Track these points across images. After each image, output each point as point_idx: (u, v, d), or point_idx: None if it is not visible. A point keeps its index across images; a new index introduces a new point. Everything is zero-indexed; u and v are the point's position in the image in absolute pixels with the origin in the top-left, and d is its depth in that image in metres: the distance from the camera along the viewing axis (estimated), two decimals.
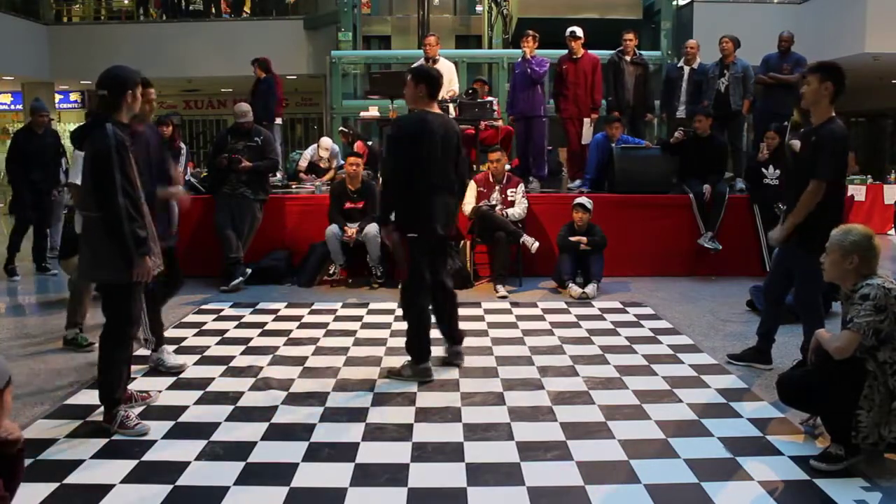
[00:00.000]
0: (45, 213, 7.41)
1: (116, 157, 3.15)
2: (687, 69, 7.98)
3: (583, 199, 6.41)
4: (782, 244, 4.07)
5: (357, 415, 3.56)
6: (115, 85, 3.29)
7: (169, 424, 3.44)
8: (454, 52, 11.54)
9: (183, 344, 4.78)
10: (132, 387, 3.77)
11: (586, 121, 7.79)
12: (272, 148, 6.79)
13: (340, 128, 9.79)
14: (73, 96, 17.84)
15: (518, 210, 6.45)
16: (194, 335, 5.00)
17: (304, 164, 8.58)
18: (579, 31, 7.76)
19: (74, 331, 4.70)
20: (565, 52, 7.94)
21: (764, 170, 6.85)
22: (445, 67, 7.99)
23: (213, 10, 15.46)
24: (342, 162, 8.25)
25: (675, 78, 8.05)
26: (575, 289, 6.09)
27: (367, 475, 2.95)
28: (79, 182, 3.63)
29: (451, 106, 7.47)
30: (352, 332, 5.02)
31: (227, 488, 2.84)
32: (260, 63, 8.99)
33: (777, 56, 7.90)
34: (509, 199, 6.52)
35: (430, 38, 8.02)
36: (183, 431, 3.38)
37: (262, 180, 6.70)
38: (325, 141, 8.63)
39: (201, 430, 3.38)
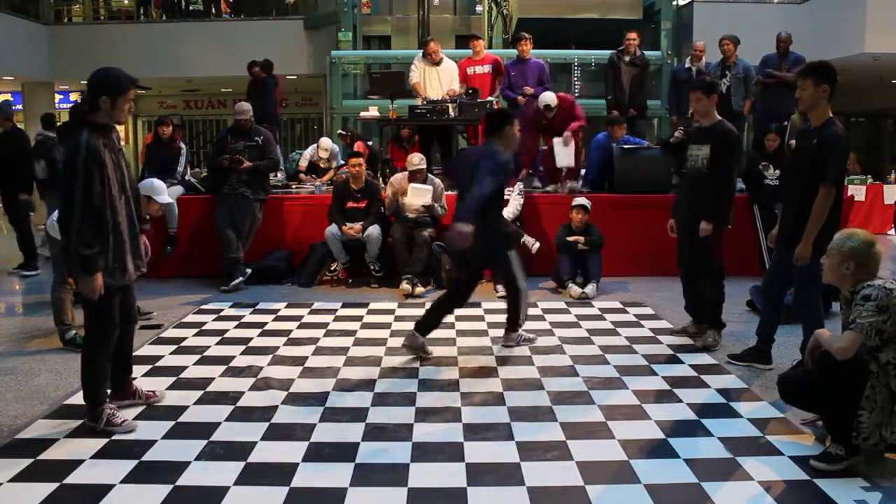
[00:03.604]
0: (12, 215, 7.49)
1: (82, 169, 3.08)
2: (695, 69, 8.04)
3: (583, 200, 6.41)
4: (783, 245, 4.06)
5: (357, 415, 3.56)
6: (94, 85, 3.23)
7: (169, 424, 3.44)
8: (454, 51, 11.53)
9: (183, 344, 4.78)
10: (138, 384, 3.79)
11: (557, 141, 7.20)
12: (273, 148, 6.79)
13: (339, 130, 9.81)
14: (73, 96, 17.80)
15: (511, 209, 6.44)
16: (194, 335, 5.00)
17: (304, 163, 8.59)
18: (553, 103, 7.09)
19: (71, 331, 4.69)
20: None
21: (763, 171, 6.86)
22: (448, 67, 8.01)
23: (213, 10, 15.47)
24: (342, 162, 8.26)
25: (685, 79, 8.03)
26: (575, 289, 6.09)
27: (367, 475, 2.95)
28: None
29: (450, 106, 7.48)
30: (352, 332, 5.02)
31: (227, 488, 2.84)
32: (264, 65, 9.09)
33: (776, 56, 7.92)
34: (505, 198, 6.50)
35: (430, 44, 7.99)
36: (183, 431, 3.38)
37: (263, 180, 6.70)
38: (325, 141, 8.63)
39: (201, 430, 3.38)
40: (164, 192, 4.68)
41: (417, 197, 6.39)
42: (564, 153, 7.10)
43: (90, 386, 3.36)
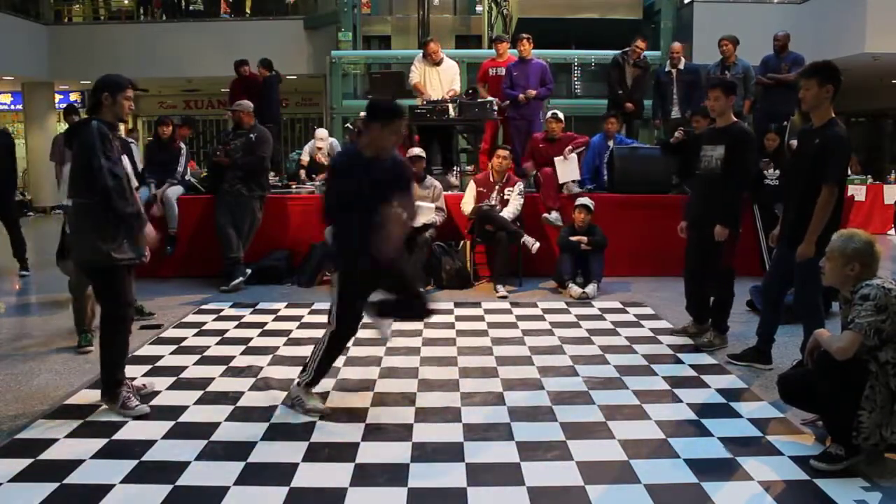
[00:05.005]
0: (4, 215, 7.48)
1: (99, 145, 3.36)
2: (675, 72, 8.07)
3: (585, 200, 6.41)
4: (784, 245, 4.06)
5: (357, 415, 3.56)
6: (96, 87, 3.50)
7: (169, 424, 3.44)
8: (454, 51, 11.56)
9: (183, 344, 4.78)
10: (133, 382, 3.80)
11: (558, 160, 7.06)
12: (262, 146, 6.63)
13: (347, 124, 9.83)
14: (73, 96, 17.81)
15: (511, 209, 6.44)
16: (194, 335, 5.00)
17: (305, 158, 8.59)
18: (560, 114, 7.15)
19: (86, 336, 4.64)
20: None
21: (764, 170, 6.85)
22: (448, 67, 8.01)
23: (214, 10, 15.49)
24: None
25: (666, 82, 8.14)
26: (575, 289, 6.09)
27: (367, 475, 2.95)
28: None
29: (450, 106, 7.47)
30: None
31: (227, 488, 2.84)
32: (266, 63, 9.08)
33: (775, 57, 7.93)
34: (506, 198, 6.52)
35: (431, 45, 8.02)
36: (183, 431, 3.38)
37: (258, 177, 6.63)
38: (321, 131, 8.64)
39: (201, 430, 3.38)
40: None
41: (420, 215, 6.38)
42: (566, 168, 7.00)
43: (109, 367, 3.51)
